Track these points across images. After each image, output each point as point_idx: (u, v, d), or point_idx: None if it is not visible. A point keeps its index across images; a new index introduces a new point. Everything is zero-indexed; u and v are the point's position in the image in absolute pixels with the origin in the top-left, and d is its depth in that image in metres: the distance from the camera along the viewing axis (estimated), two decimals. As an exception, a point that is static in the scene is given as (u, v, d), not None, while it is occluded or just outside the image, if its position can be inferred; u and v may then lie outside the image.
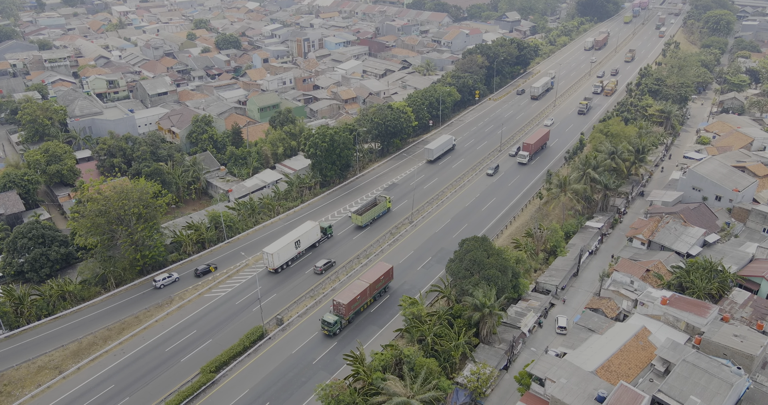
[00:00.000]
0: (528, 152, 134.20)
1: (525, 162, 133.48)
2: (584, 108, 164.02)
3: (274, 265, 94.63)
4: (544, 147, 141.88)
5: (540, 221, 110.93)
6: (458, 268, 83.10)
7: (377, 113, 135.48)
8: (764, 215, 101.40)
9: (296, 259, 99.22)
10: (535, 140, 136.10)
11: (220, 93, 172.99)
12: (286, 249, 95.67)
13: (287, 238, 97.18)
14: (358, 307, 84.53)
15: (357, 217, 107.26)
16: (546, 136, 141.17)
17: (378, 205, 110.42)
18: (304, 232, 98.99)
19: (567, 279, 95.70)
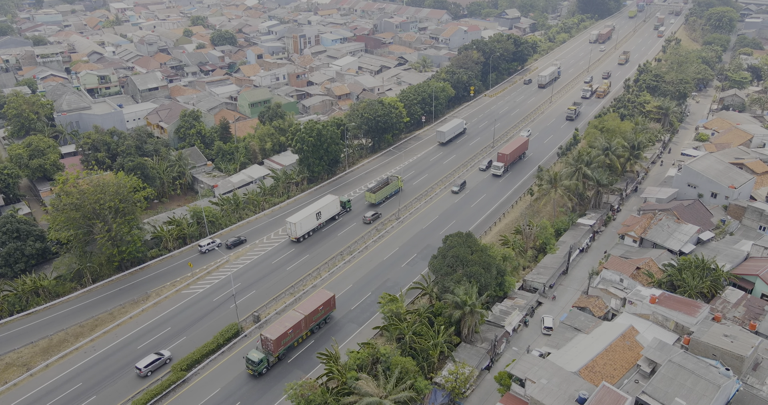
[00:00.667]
0: (503, 163, 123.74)
1: (499, 174, 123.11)
2: (572, 114, 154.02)
3: (296, 235, 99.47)
4: (522, 157, 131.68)
5: (531, 218, 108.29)
6: (440, 264, 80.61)
7: (367, 108, 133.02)
8: (760, 212, 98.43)
9: (317, 230, 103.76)
10: (511, 150, 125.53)
11: (212, 89, 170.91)
12: (307, 219, 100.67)
13: (309, 210, 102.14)
14: (290, 342, 74.21)
15: (370, 194, 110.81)
16: (524, 146, 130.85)
17: (390, 184, 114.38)
18: (325, 205, 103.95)
19: (555, 277, 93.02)
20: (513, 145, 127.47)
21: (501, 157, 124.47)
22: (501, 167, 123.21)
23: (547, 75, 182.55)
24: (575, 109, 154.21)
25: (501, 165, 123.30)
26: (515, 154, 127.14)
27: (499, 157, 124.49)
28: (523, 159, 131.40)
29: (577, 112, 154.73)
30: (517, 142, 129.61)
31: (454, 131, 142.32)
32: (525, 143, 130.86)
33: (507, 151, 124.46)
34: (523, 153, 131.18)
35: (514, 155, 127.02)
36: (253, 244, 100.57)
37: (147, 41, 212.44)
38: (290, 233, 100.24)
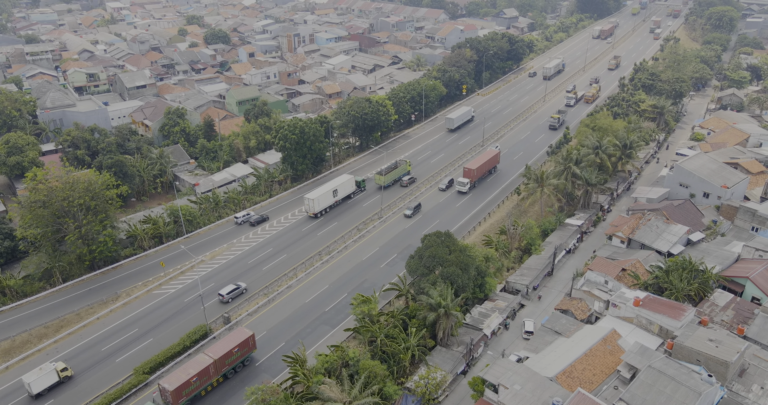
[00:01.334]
0: (469, 179, 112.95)
1: (465, 190, 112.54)
2: (556, 122, 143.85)
3: (314, 210, 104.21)
4: (492, 171, 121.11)
5: (517, 218, 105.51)
6: (417, 265, 77.89)
7: (354, 106, 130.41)
8: (752, 213, 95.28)
9: (333, 206, 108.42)
10: (479, 165, 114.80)
11: (201, 87, 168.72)
12: (325, 196, 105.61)
13: (326, 187, 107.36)
14: (194, 392, 64.54)
15: (380, 177, 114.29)
16: (495, 159, 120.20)
17: (399, 168, 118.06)
18: (341, 183, 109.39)
19: (539, 278, 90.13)
20: (481, 159, 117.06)
21: (467, 173, 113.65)
22: (467, 183, 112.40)
23: (551, 67, 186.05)
24: (559, 118, 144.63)
25: (466, 181, 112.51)
26: (483, 169, 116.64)
27: (465, 172, 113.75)
28: (494, 173, 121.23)
29: (560, 120, 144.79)
30: (485, 155, 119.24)
31: (462, 118, 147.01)
32: (495, 157, 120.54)
33: (473, 166, 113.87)
34: (493, 167, 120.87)
35: (483, 170, 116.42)
36: (230, 243, 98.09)
37: (139, 40, 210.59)
38: (308, 209, 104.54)
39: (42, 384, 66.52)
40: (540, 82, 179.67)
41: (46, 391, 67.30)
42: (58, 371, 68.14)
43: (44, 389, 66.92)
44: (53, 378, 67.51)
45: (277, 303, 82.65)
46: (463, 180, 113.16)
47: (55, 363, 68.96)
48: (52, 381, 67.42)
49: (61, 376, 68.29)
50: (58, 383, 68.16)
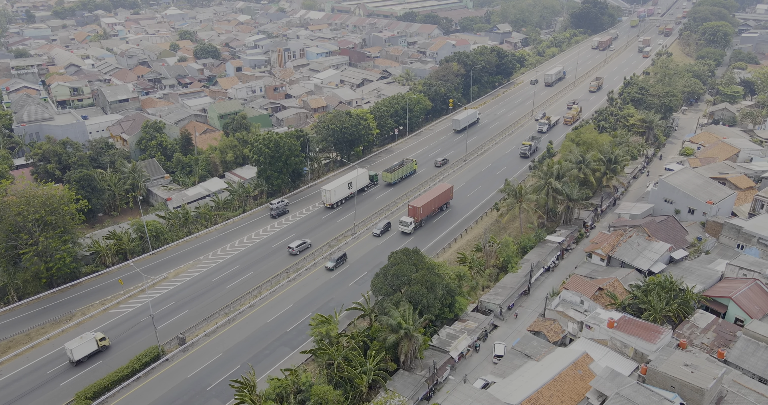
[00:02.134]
0: (413, 219, 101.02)
1: (408, 231, 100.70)
2: (527, 150, 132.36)
3: (330, 201, 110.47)
4: (444, 208, 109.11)
5: (496, 234, 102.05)
6: (381, 283, 74.33)
7: (334, 120, 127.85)
8: (738, 230, 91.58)
9: (348, 198, 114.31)
10: (426, 201, 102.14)
11: (185, 101, 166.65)
12: (340, 188, 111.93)
13: (342, 180, 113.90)
14: None
15: (387, 174, 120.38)
16: (446, 194, 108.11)
17: (405, 166, 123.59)
18: (355, 177, 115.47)
19: (514, 298, 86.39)
20: (429, 195, 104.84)
21: (412, 211, 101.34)
22: (410, 223, 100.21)
23: (553, 74, 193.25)
24: (530, 145, 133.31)
25: (410, 221, 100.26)
26: (432, 207, 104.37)
27: (410, 210, 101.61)
28: (446, 210, 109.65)
29: (532, 148, 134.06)
30: (435, 190, 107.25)
31: (468, 120, 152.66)
32: (447, 192, 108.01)
33: (419, 204, 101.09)
34: (445, 203, 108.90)
35: (431, 207, 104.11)
36: (196, 260, 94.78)
37: (127, 54, 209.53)
38: (325, 200, 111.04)
39: (83, 351, 71.84)
40: (528, 96, 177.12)
41: (86, 358, 72.16)
42: (97, 340, 73.31)
43: (84, 356, 71.90)
44: (92, 346, 72.82)
45: (237, 323, 79.11)
46: (407, 219, 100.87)
47: (94, 333, 74.03)
48: (91, 349, 72.61)
49: (99, 344, 73.49)
50: (97, 352, 73.24)
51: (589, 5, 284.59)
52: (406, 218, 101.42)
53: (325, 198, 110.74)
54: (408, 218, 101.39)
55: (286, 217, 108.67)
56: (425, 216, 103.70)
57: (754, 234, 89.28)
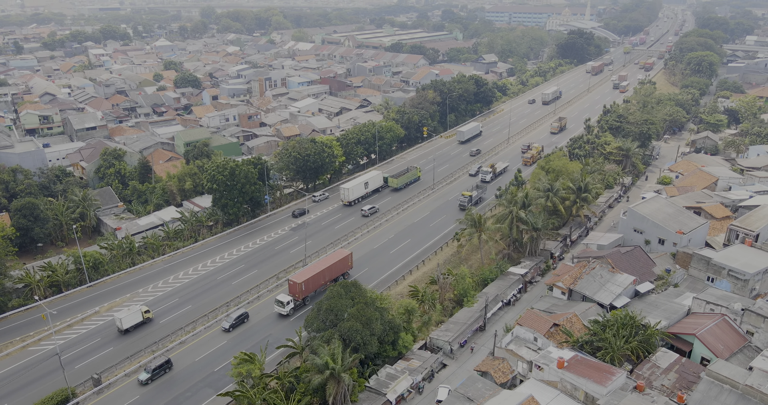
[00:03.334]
0: (293, 295, 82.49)
1: (285, 313, 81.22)
2: (466, 201, 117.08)
3: (348, 199, 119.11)
4: (342, 278, 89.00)
5: (456, 266, 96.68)
6: (313, 319, 68.88)
7: (296, 147, 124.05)
8: (707, 261, 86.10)
9: (365, 197, 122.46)
10: (312, 274, 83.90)
11: (155, 129, 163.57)
12: (357, 187, 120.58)
13: (359, 180, 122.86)
14: None
15: (393, 180, 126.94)
16: (343, 263, 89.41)
17: (410, 172, 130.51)
18: (371, 177, 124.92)
19: (467, 334, 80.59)
20: (318, 267, 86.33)
21: (292, 287, 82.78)
22: (288, 303, 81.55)
23: (549, 93, 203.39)
24: (471, 196, 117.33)
25: (288, 300, 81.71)
26: (320, 280, 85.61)
27: (291, 287, 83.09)
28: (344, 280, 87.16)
29: (473, 199, 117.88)
30: (326, 260, 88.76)
31: (471, 132, 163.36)
32: (343, 260, 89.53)
33: (302, 278, 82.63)
34: (343, 274, 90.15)
35: (319, 281, 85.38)
36: (134, 293, 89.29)
37: (104, 84, 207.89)
38: (344, 198, 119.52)
39: (130, 321, 78.99)
40: (506, 124, 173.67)
41: (132, 328, 79.37)
42: (142, 312, 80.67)
43: (131, 326, 79.18)
44: (138, 317, 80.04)
45: (162, 361, 73.21)
46: (284, 298, 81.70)
47: (140, 306, 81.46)
48: (137, 320, 79.81)
49: (144, 316, 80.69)
50: (142, 323, 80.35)
51: (575, 36, 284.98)
52: (283, 296, 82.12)
53: (344, 196, 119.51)
54: (286, 296, 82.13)
55: (237, 247, 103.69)
56: (311, 292, 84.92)
57: (724, 266, 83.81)
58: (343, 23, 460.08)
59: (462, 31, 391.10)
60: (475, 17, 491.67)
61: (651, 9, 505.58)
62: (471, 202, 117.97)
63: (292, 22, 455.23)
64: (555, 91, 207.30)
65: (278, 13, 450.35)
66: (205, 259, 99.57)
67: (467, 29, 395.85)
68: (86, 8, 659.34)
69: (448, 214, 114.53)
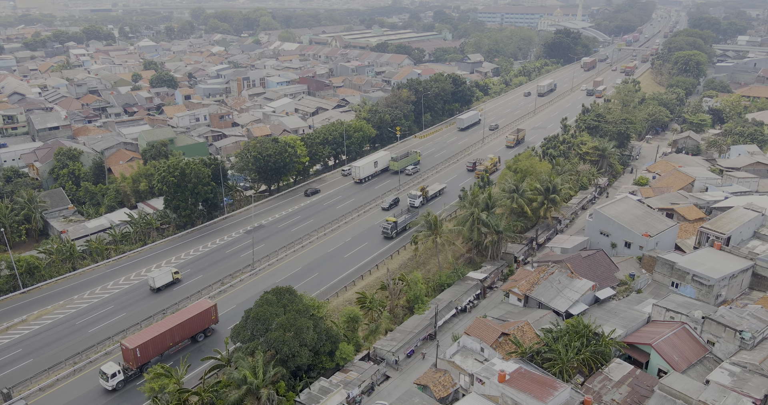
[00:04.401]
0: (128, 363, 67.14)
1: (110, 387, 64.77)
2: (389, 228, 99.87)
3: (359, 176, 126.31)
4: (201, 337, 74.47)
5: (412, 270, 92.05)
6: (240, 328, 64.23)
7: (257, 146, 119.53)
8: (671, 266, 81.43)
9: (374, 175, 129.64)
10: (154, 335, 68.17)
11: (121, 129, 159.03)
12: (367, 166, 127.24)
13: (369, 159, 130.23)
14: None
15: (394, 163, 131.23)
16: (204, 318, 73.75)
17: (410, 156, 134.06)
18: (380, 157, 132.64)
19: (414, 343, 75.97)
20: (165, 324, 70.59)
21: (126, 354, 66.98)
22: (116, 374, 65.00)
23: (545, 85, 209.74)
24: (395, 222, 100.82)
25: (113, 372, 64.81)
26: (168, 341, 70.00)
27: (124, 352, 67.27)
28: (203, 340, 74.47)
29: (397, 226, 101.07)
30: (180, 315, 72.65)
31: (471, 120, 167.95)
32: (204, 314, 73.87)
33: (135, 343, 66.66)
34: (204, 330, 74.76)
35: (165, 343, 69.72)
36: (69, 300, 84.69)
37: (76, 83, 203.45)
38: (354, 175, 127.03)
39: (162, 281, 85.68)
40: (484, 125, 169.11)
41: (164, 287, 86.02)
42: (173, 273, 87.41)
43: (162, 285, 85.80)
44: (169, 278, 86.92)
45: (83, 374, 68.63)
46: (108, 370, 64.59)
47: (171, 267, 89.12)
48: (168, 280, 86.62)
49: (174, 277, 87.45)
50: (171, 283, 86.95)
51: (561, 36, 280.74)
52: (110, 366, 65.43)
53: (355, 174, 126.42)
54: (113, 366, 65.42)
55: (186, 251, 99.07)
56: (153, 357, 68.79)
57: (688, 270, 79.11)
58: (333, 24, 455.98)
59: (451, 32, 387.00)
60: (467, 18, 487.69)
61: (644, 10, 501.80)
62: (396, 229, 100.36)
63: (282, 22, 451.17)
64: (550, 84, 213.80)
65: (267, 13, 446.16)
66: (150, 264, 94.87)
67: (457, 29, 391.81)
68: (78, 9, 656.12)
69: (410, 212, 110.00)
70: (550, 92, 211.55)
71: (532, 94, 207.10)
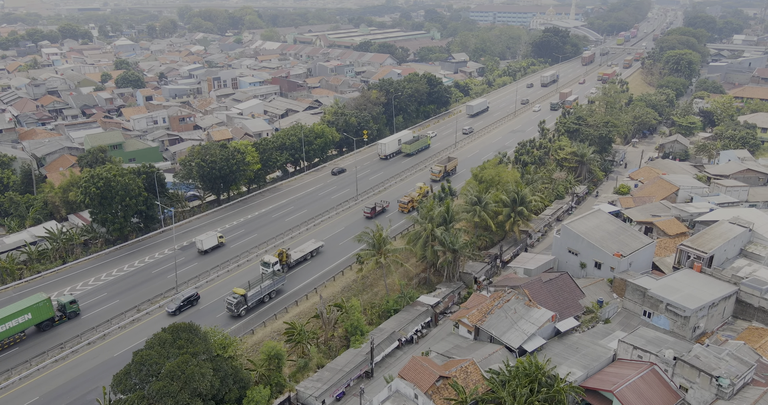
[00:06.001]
0: None
1: None
2: (233, 303, 74.40)
3: (385, 153, 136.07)
4: None
5: (359, 293, 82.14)
6: (123, 376, 54.17)
7: (201, 152, 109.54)
8: (642, 292, 71.44)
9: (398, 152, 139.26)
10: None
11: (71, 132, 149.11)
12: (392, 143, 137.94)
13: (394, 137, 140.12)
14: None
15: (406, 146, 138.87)
16: None
17: (420, 140, 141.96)
18: (403, 135, 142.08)
19: (344, 383, 65.95)
20: None
21: None
22: None
23: (548, 75, 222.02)
24: (244, 295, 75.13)
25: None
26: None
27: None
28: None
29: (247, 300, 75.53)
30: None
31: (480, 107, 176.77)
32: None
33: None
34: None
35: None
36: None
37: (33, 84, 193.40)
38: (380, 152, 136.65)
39: (208, 244, 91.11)
40: (458, 127, 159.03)
41: (210, 250, 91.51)
42: (218, 237, 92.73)
43: (209, 248, 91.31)
44: (215, 241, 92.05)
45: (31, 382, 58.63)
46: None
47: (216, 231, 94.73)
48: (214, 243, 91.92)
49: (219, 241, 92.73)
50: (216, 247, 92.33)
51: (549, 34, 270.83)
52: None
53: (380, 150, 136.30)
54: None
55: (109, 271, 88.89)
56: None
57: (661, 299, 69.17)
58: (321, 22, 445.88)
59: (440, 31, 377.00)
60: (459, 17, 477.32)
61: (639, 8, 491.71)
62: (245, 304, 75.28)
63: (269, 21, 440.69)
64: (552, 74, 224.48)
65: (252, 12, 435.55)
66: (64, 286, 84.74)
67: (446, 28, 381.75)
68: (65, 8, 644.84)
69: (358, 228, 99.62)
70: (553, 83, 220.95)
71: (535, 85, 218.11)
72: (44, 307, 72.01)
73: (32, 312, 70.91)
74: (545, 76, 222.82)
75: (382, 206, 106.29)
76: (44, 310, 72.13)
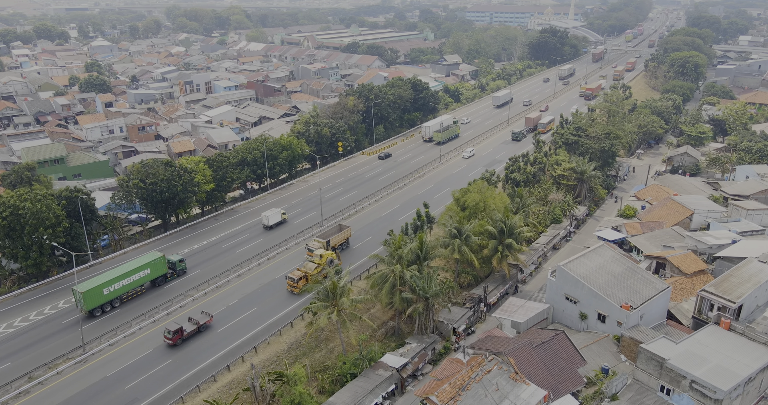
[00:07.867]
0: None
1: None
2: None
3: (428, 136, 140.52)
4: None
5: (309, 352, 67.18)
6: None
7: (142, 172, 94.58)
8: (659, 363, 56.36)
9: None
10: None
11: (13, 143, 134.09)
12: (435, 126, 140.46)
13: (436, 120, 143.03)
14: None
15: (438, 134, 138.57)
16: None
17: (451, 129, 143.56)
18: (445, 119, 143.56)
19: None
20: None
21: None
22: None
23: (566, 69, 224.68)
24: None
25: None
26: None
27: None
28: None
29: None
30: None
31: (504, 98, 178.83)
32: None
33: None
34: None
35: None
36: None
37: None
38: (424, 135, 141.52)
39: (273, 220, 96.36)
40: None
41: (275, 225, 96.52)
42: (281, 214, 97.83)
43: (274, 224, 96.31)
44: (279, 218, 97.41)
45: None
46: None
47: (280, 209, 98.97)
48: (278, 219, 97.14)
49: (282, 217, 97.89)
50: (280, 223, 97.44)
51: (547, 35, 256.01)
52: None
53: (424, 133, 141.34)
54: None
55: (11, 321, 73.77)
56: None
57: (685, 374, 54.16)
58: (311, 23, 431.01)
59: (434, 31, 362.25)
60: (454, 17, 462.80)
61: (640, 9, 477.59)
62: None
63: (257, 21, 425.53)
64: (569, 68, 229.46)
65: (240, 11, 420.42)
66: (-38, 338, 69.84)
67: (440, 29, 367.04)
68: (52, 9, 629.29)
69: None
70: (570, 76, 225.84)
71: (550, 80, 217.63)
72: (160, 263, 79.09)
73: (150, 267, 77.73)
74: (563, 69, 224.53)
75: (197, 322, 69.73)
76: (160, 266, 79.11)
